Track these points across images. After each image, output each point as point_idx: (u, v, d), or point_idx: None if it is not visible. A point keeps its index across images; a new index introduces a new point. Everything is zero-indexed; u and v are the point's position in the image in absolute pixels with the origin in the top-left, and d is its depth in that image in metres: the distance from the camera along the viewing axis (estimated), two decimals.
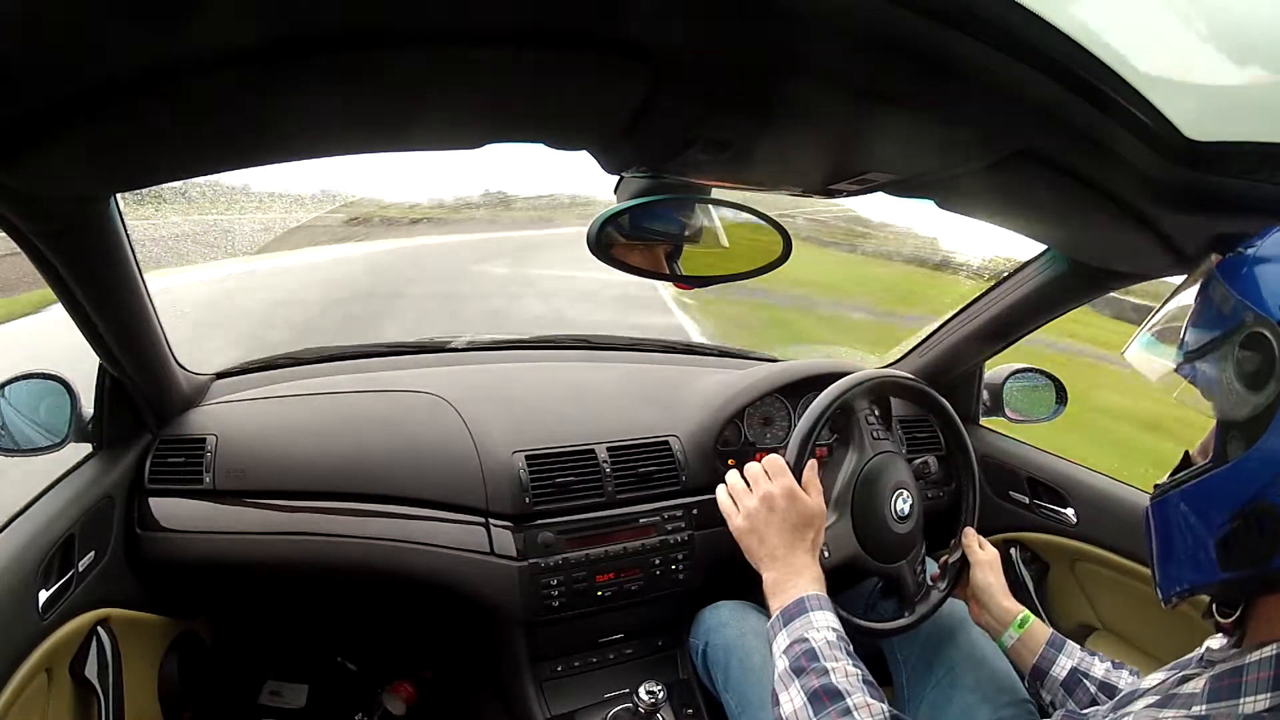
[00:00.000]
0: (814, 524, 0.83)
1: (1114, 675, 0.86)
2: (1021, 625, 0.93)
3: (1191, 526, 0.53)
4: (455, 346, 1.49)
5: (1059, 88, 0.43)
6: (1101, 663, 0.88)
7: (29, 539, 0.82)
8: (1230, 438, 0.51)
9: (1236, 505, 0.48)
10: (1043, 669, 0.90)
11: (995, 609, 0.96)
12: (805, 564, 0.80)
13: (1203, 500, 0.52)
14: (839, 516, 0.95)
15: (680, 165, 0.64)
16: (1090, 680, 0.86)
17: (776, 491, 0.82)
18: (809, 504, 0.83)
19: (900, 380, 1.11)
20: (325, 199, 6.94)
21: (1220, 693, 0.50)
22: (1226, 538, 0.49)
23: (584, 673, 1.17)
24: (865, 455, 0.99)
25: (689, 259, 0.77)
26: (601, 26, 0.40)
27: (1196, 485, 0.53)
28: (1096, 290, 1.07)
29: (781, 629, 0.76)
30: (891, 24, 0.38)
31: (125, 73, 0.40)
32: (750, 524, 0.83)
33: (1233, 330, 0.50)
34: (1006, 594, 0.98)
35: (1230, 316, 0.51)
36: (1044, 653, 0.90)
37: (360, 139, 0.58)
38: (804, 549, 0.81)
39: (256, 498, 1.10)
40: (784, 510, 0.81)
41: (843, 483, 0.97)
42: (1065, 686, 0.88)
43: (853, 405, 1.01)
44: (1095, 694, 0.86)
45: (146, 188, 0.64)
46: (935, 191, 0.74)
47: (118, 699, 0.93)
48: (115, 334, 0.89)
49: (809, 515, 0.83)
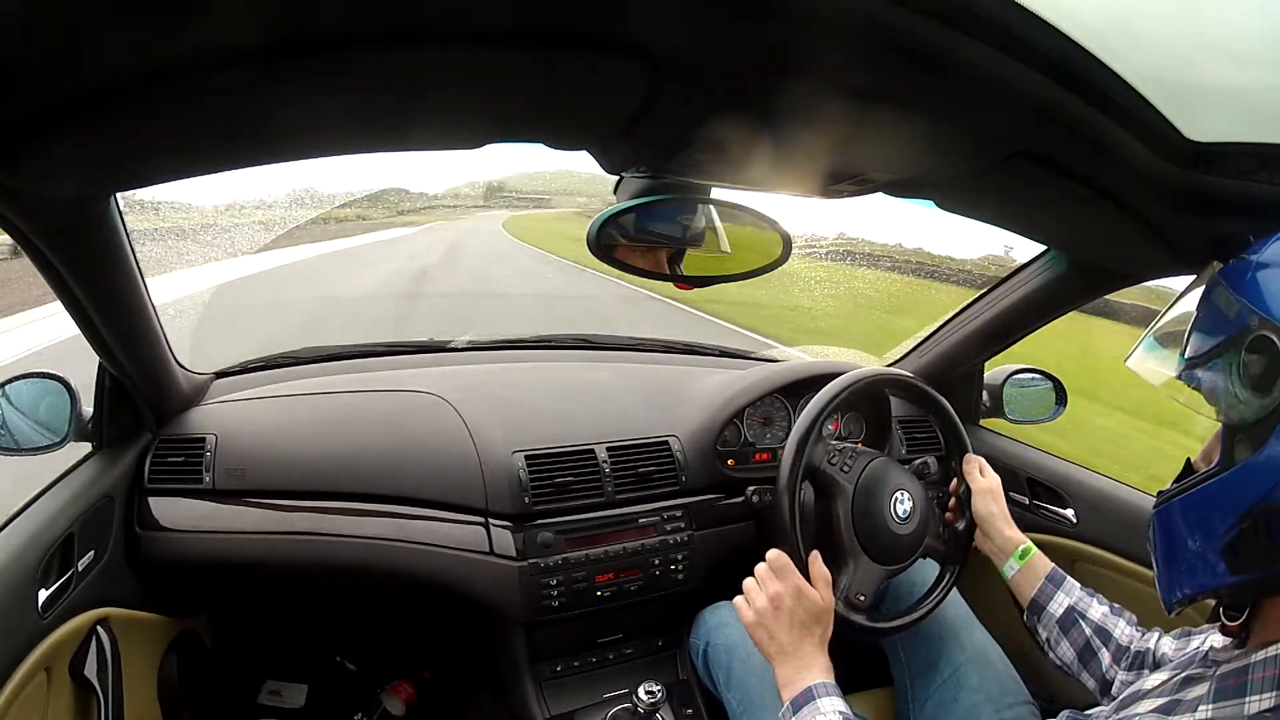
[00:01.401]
0: (822, 620, 0.86)
1: (1111, 621, 0.87)
2: (1022, 556, 0.95)
3: (1198, 531, 0.53)
4: (455, 346, 1.49)
5: (1059, 88, 0.43)
6: (1100, 605, 0.89)
7: (29, 538, 0.82)
8: (1237, 442, 0.51)
9: (1244, 508, 0.48)
10: (1040, 604, 0.91)
11: (998, 538, 0.98)
12: (814, 657, 0.83)
13: (1209, 505, 0.52)
14: (855, 561, 0.97)
15: (680, 165, 0.64)
16: (1086, 622, 0.87)
17: (783, 590, 0.86)
18: (816, 601, 0.86)
19: (899, 379, 1.11)
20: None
21: (1225, 692, 0.50)
22: (1234, 541, 0.49)
23: (583, 673, 1.17)
24: (849, 490, 1.00)
25: (689, 260, 0.77)
26: (602, 26, 0.40)
27: (1202, 490, 0.52)
28: (1096, 291, 1.07)
29: (791, 717, 0.79)
30: (891, 24, 0.38)
31: (125, 73, 0.39)
32: (760, 620, 0.86)
33: (1238, 334, 0.50)
34: (1009, 523, 0.99)
35: (1235, 321, 0.51)
36: (1042, 587, 0.91)
37: (360, 139, 0.58)
38: (812, 643, 0.84)
39: (256, 497, 1.10)
40: (791, 608, 0.85)
41: (845, 530, 0.98)
42: (1061, 625, 0.89)
43: (815, 462, 1.01)
44: (1090, 636, 0.87)
45: (146, 187, 0.64)
46: (935, 192, 0.74)
47: (117, 698, 0.93)
48: (115, 333, 0.89)
49: (816, 611, 0.86)
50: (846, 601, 0.95)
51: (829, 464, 1.01)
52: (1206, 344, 0.53)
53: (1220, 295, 0.53)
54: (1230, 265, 0.54)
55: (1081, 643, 0.87)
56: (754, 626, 0.87)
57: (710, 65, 0.44)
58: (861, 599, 0.96)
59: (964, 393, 1.40)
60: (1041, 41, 0.40)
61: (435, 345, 1.50)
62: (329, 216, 12.02)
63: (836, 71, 0.45)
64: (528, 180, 12.29)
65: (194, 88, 0.42)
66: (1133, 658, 0.83)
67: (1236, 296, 0.51)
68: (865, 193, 0.72)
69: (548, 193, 13.37)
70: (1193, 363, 0.55)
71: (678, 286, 0.82)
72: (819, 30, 0.39)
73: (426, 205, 9.49)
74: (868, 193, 0.73)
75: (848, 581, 0.97)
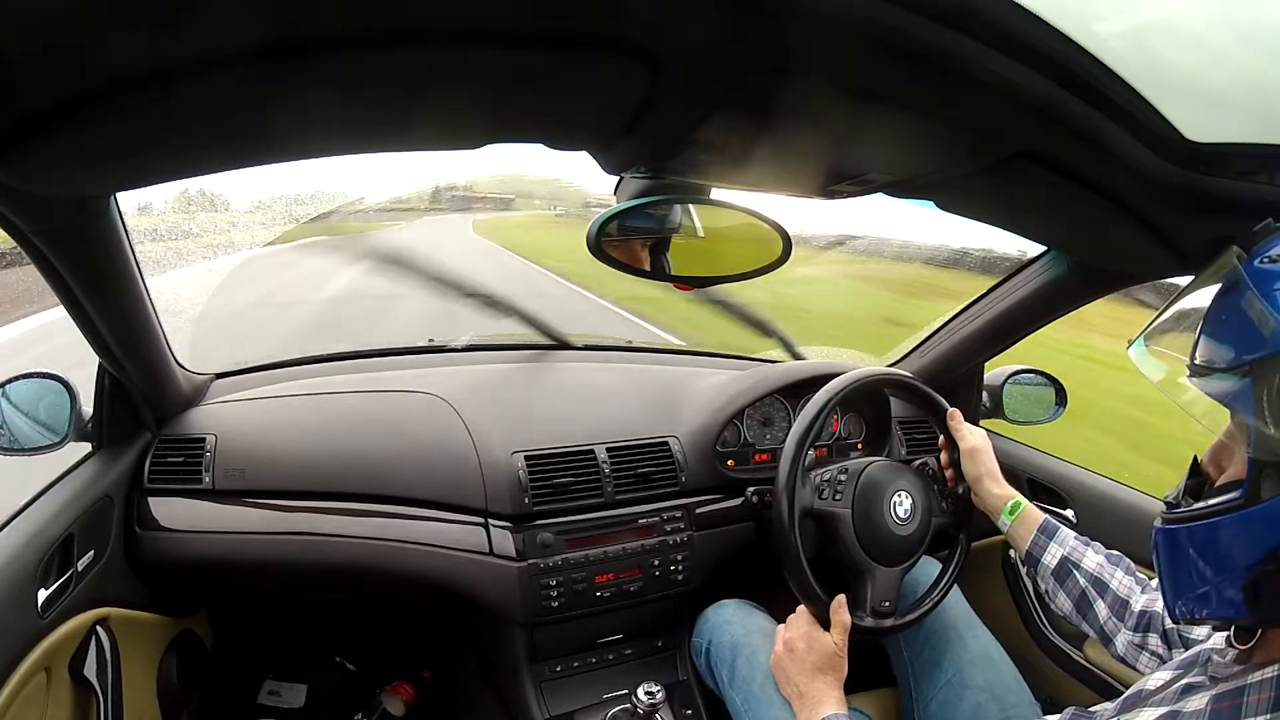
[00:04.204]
0: (834, 664, 0.91)
1: (1108, 571, 0.87)
2: (1013, 512, 0.96)
3: (1215, 562, 0.50)
4: (455, 347, 1.49)
5: (1059, 89, 0.43)
6: (1096, 554, 0.89)
7: (28, 538, 0.82)
8: (1265, 475, 0.47)
9: (1270, 547, 0.46)
10: (1035, 555, 0.92)
11: (989, 498, 0.99)
12: (825, 694, 0.88)
13: (1230, 537, 0.49)
14: (871, 575, 0.99)
15: (680, 165, 0.64)
16: (1081, 572, 0.88)
17: (796, 636, 0.94)
18: (827, 646, 0.91)
19: (898, 379, 1.11)
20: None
21: (1221, 714, 0.50)
22: (1257, 580, 0.47)
23: (583, 673, 1.17)
24: (847, 515, 1.00)
25: (689, 260, 0.77)
26: (601, 27, 0.40)
27: (1223, 521, 0.49)
28: (1096, 291, 1.06)
29: None
30: (891, 24, 0.38)
31: (125, 72, 0.39)
32: (777, 663, 0.95)
33: (1273, 357, 0.45)
34: (998, 480, 1.00)
35: (1271, 340, 0.45)
36: (1035, 539, 0.93)
37: (360, 139, 0.58)
38: (824, 682, 0.89)
39: (255, 498, 1.10)
40: (802, 652, 0.92)
41: (854, 551, 0.99)
42: (1056, 575, 0.90)
43: (806, 504, 1.00)
44: (1085, 587, 0.87)
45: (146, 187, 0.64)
46: (935, 192, 0.74)
47: (116, 698, 0.93)
48: (115, 333, 0.89)
49: (827, 657, 0.91)
50: (873, 612, 0.98)
51: (820, 500, 1.01)
52: (1226, 355, 0.49)
53: (1251, 304, 0.47)
54: (1259, 268, 0.49)
55: (1077, 593, 0.88)
56: (774, 669, 0.96)
57: (710, 65, 0.44)
58: (886, 605, 0.98)
59: (964, 393, 1.40)
60: (1042, 42, 0.40)
61: (435, 346, 1.50)
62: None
63: (836, 72, 0.45)
64: (490, 183, 12.06)
65: (194, 88, 0.42)
66: (1137, 618, 0.83)
67: (1272, 312, 0.45)
68: (865, 193, 0.72)
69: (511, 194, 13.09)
70: (1206, 370, 0.50)
71: (678, 287, 0.82)
72: (819, 30, 0.39)
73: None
74: (868, 193, 0.72)
75: (869, 594, 0.98)
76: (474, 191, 12.59)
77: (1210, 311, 0.52)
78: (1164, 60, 0.44)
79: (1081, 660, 1.18)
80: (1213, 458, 0.56)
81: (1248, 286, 0.48)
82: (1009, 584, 1.33)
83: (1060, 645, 1.22)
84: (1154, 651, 0.81)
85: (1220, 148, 0.48)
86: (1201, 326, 0.52)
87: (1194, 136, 0.47)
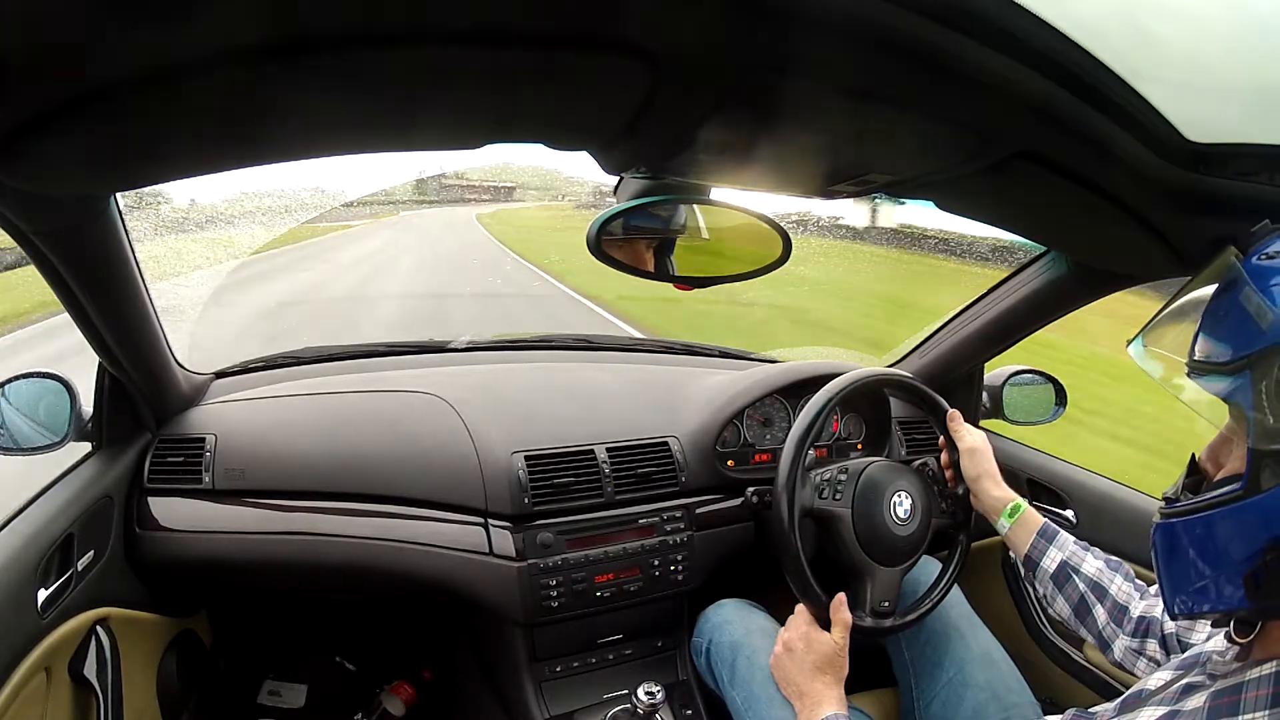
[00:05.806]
0: (834, 663, 0.91)
1: (1107, 576, 0.87)
2: (1012, 515, 0.95)
3: (1214, 554, 0.50)
4: (455, 346, 1.49)
5: (1059, 89, 0.43)
6: (1096, 559, 0.89)
7: (28, 538, 0.82)
8: (1264, 465, 0.47)
9: (1271, 537, 0.46)
10: (1034, 559, 0.92)
11: (987, 499, 0.99)
12: (825, 694, 0.88)
13: (1230, 529, 0.49)
14: (872, 575, 0.99)
15: (680, 165, 0.64)
16: (1080, 577, 0.88)
17: (795, 636, 0.94)
18: (826, 645, 0.91)
19: (898, 379, 1.11)
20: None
21: (1220, 710, 0.50)
22: (1257, 571, 0.47)
23: (583, 673, 1.17)
24: (847, 515, 1.00)
25: (688, 261, 0.77)
26: (601, 27, 0.40)
27: (1223, 513, 0.49)
28: (1097, 292, 1.06)
29: None
30: (891, 24, 0.38)
31: (125, 72, 0.39)
32: (777, 663, 0.95)
33: (1270, 350, 0.46)
34: (997, 482, 0.99)
35: (1269, 334, 0.46)
36: (1034, 543, 0.92)
37: (360, 139, 0.58)
38: (824, 682, 0.89)
39: (255, 497, 1.10)
40: (801, 653, 0.92)
41: (854, 551, 0.99)
42: (1055, 580, 0.90)
43: (807, 504, 1.00)
44: (1084, 592, 0.87)
45: (146, 187, 0.64)
46: (935, 192, 0.74)
47: (116, 698, 0.93)
48: (115, 333, 0.89)
49: (827, 656, 0.91)
50: (873, 613, 0.98)
51: (820, 500, 1.01)
52: (1225, 351, 0.49)
53: (1249, 299, 0.48)
54: (1256, 264, 0.49)
55: (1076, 598, 0.88)
56: (773, 669, 0.96)
57: (710, 65, 0.44)
58: (886, 605, 0.98)
59: (964, 394, 1.40)
60: (1042, 42, 0.40)
61: (435, 345, 1.50)
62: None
63: (836, 72, 0.45)
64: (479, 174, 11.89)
65: (194, 88, 0.42)
66: (1136, 623, 0.83)
67: (1270, 305, 0.46)
68: (865, 193, 0.72)
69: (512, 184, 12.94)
70: (1205, 367, 0.51)
71: (678, 288, 0.82)
72: (818, 30, 0.39)
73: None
74: (868, 193, 0.73)
75: (869, 594, 0.98)
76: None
77: (1209, 309, 0.52)
78: (1164, 60, 0.44)
79: (1082, 660, 1.18)
80: (1210, 454, 0.56)
81: (1246, 282, 0.49)
82: (1009, 584, 1.33)
83: (1060, 645, 1.22)
84: (1152, 657, 0.81)
85: (1220, 148, 0.48)
86: (1200, 324, 0.52)
87: (1194, 137, 0.47)
